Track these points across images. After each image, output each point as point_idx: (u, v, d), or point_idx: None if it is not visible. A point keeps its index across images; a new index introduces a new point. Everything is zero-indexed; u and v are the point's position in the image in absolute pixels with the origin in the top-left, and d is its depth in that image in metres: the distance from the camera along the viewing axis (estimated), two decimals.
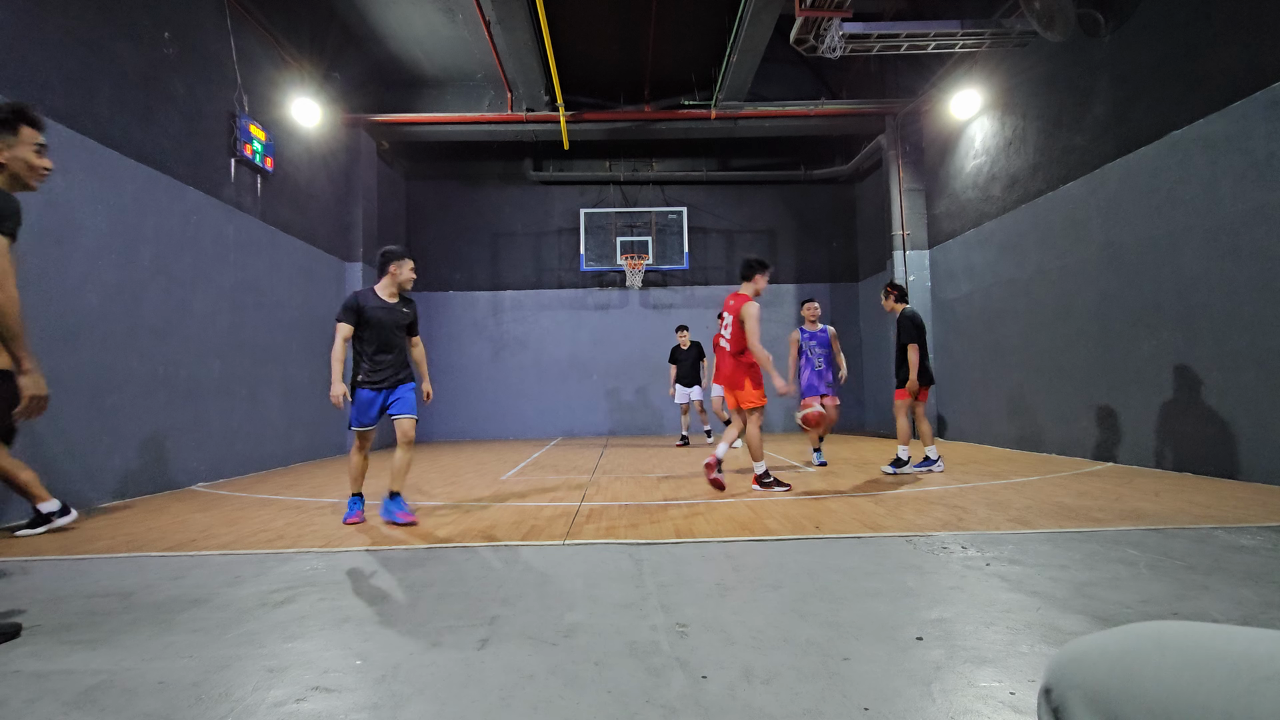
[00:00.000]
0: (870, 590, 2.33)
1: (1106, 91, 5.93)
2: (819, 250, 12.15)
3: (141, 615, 2.24)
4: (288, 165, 7.78)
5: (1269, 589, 2.23)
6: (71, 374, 4.61)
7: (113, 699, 1.60)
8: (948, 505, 3.92)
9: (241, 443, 6.65)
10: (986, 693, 1.53)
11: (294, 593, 2.46)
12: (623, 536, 3.26)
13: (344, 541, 3.32)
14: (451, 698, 1.57)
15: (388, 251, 3.88)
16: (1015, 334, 7.31)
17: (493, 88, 10.30)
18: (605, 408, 11.70)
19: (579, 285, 11.95)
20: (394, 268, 3.85)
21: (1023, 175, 7.18)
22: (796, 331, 6.15)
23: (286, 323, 7.60)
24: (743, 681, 1.62)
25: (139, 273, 5.32)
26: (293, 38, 7.96)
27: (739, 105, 9.60)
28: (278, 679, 1.70)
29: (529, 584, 2.51)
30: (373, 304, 3.79)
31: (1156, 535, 3.05)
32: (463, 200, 11.98)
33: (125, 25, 5.29)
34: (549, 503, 4.38)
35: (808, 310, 6.15)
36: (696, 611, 2.14)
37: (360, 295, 3.80)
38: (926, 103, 9.04)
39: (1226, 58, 4.77)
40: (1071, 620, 1.98)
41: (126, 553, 3.20)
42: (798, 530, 3.32)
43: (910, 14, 8.42)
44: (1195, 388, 5.02)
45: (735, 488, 4.84)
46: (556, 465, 6.78)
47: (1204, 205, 4.96)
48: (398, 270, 3.85)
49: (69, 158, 4.68)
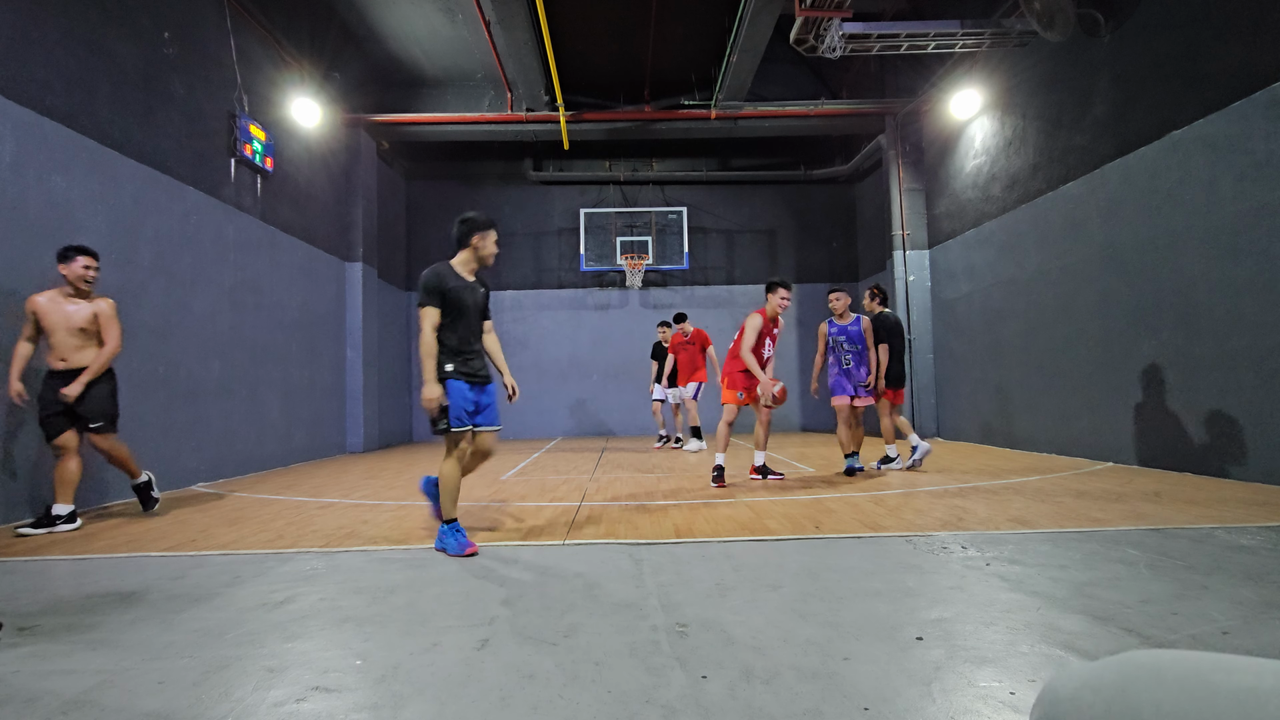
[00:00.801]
0: (870, 590, 2.33)
1: (1106, 91, 5.93)
2: (819, 250, 12.15)
3: (141, 615, 2.24)
4: (288, 165, 7.78)
5: (1269, 589, 2.23)
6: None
7: (113, 699, 1.60)
8: (948, 505, 3.92)
9: (241, 443, 6.65)
10: (986, 693, 1.53)
11: (294, 593, 2.46)
12: (623, 536, 3.26)
13: (344, 541, 3.32)
14: (451, 698, 1.57)
15: (470, 220, 3.20)
16: (1015, 334, 7.31)
17: (493, 88, 10.30)
18: (605, 408, 11.70)
19: (579, 285, 11.95)
20: (477, 239, 3.19)
21: (1023, 175, 7.18)
22: (824, 324, 5.58)
23: (286, 323, 7.60)
24: (743, 681, 1.62)
25: (139, 273, 5.32)
26: (293, 38, 7.96)
27: (739, 105, 9.59)
28: (278, 679, 1.70)
29: (529, 584, 2.51)
30: (454, 283, 3.13)
31: (1156, 535, 3.05)
32: (463, 200, 11.97)
33: (125, 25, 5.28)
34: (549, 503, 4.38)
35: (833, 301, 5.52)
36: (696, 611, 2.14)
37: (440, 273, 3.11)
38: (926, 103, 9.04)
39: (1226, 58, 4.77)
40: (1071, 620, 1.98)
41: (126, 553, 3.20)
42: (798, 530, 3.32)
43: (910, 14, 8.42)
44: (1195, 388, 5.02)
45: (736, 488, 4.85)
46: (556, 465, 6.78)
47: (1204, 205, 4.96)
48: (481, 242, 3.20)
49: (69, 158, 4.68)
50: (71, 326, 3.84)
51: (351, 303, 9.32)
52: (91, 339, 3.92)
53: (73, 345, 3.85)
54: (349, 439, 9.25)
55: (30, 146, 4.38)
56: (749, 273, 12.03)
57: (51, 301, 3.85)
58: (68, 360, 3.84)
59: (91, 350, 3.91)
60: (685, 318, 8.28)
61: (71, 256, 3.85)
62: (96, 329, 3.94)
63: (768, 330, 4.90)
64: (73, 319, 3.85)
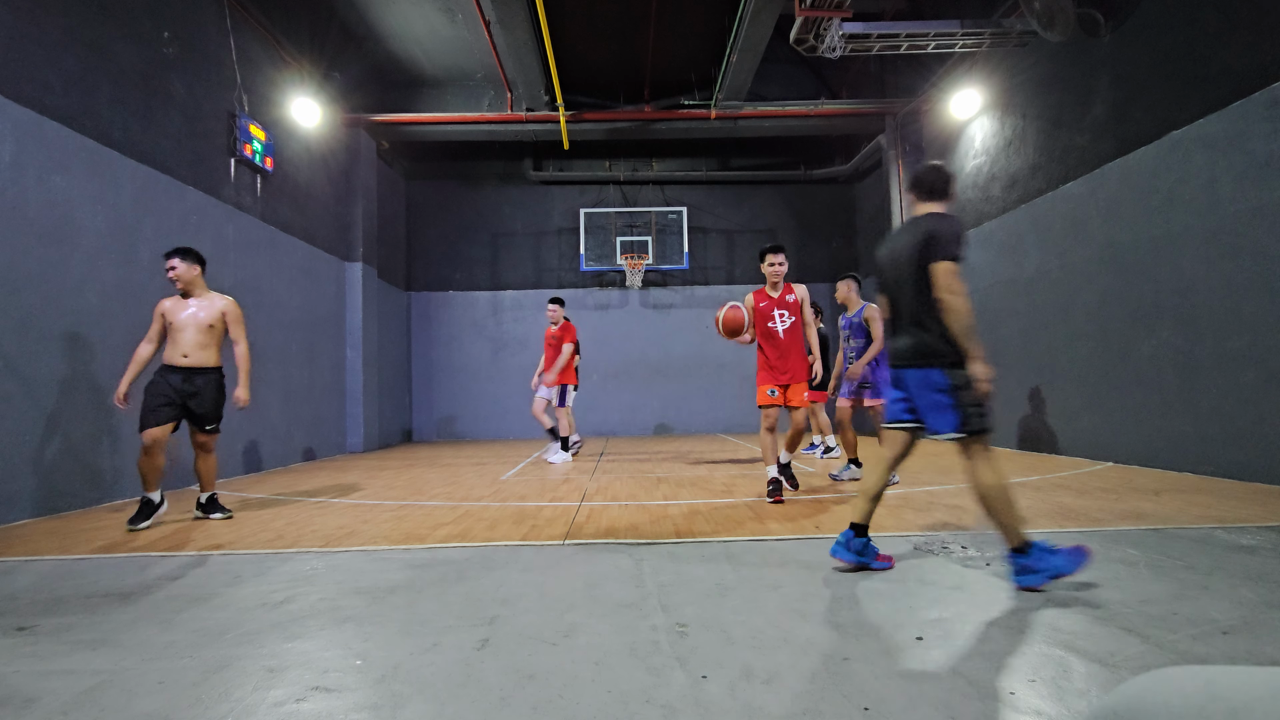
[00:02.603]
0: (870, 590, 2.33)
1: (1106, 91, 5.93)
2: (819, 250, 12.15)
3: (141, 615, 2.24)
4: (287, 165, 7.78)
5: (1269, 589, 2.23)
6: (71, 374, 4.61)
7: (113, 699, 1.60)
8: (948, 505, 3.92)
9: (241, 443, 6.65)
10: (986, 693, 1.53)
11: (294, 593, 2.46)
12: (623, 536, 3.26)
13: (344, 541, 3.32)
14: (451, 698, 1.57)
15: (948, 171, 2.62)
16: (1015, 334, 7.31)
17: (493, 88, 10.30)
18: (605, 408, 11.70)
19: (579, 285, 11.95)
20: (954, 189, 2.59)
21: (1023, 175, 7.18)
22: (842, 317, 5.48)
23: (286, 323, 7.60)
24: (743, 681, 1.62)
25: (139, 273, 5.32)
26: (292, 38, 7.96)
27: (739, 105, 9.59)
28: (278, 679, 1.70)
29: (529, 584, 2.50)
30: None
31: (1156, 535, 3.05)
32: (463, 200, 11.98)
33: (125, 25, 5.28)
34: (549, 503, 4.38)
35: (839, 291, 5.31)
36: (696, 611, 2.14)
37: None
38: (926, 103, 9.04)
39: (1226, 58, 4.77)
40: (1071, 620, 1.98)
41: (126, 553, 3.20)
42: (798, 530, 3.32)
43: (910, 14, 8.42)
44: (1195, 388, 5.02)
45: (736, 488, 4.85)
46: (556, 465, 6.78)
47: (1204, 205, 4.96)
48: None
49: (69, 158, 4.68)
50: (200, 325, 3.95)
51: (351, 303, 9.32)
52: (214, 336, 4.01)
53: (198, 343, 3.94)
54: (349, 439, 9.25)
55: (30, 146, 4.38)
56: (749, 273, 12.03)
57: (175, 303, 3.99)
58: (190, 357, 3.92)
59: (213, 350, 4.02)
60: (561, 302, 7.03)
61: (165, 259, 4.01)
62: (222, 327, 4.05)
63: (768, 305, 4.38)
64: (199, 317, 3.96)
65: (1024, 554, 2.26)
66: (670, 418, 11.71)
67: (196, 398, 3.93)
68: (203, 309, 4.00)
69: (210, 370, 4.01)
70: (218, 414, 4.07)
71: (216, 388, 4.05)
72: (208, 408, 3.99)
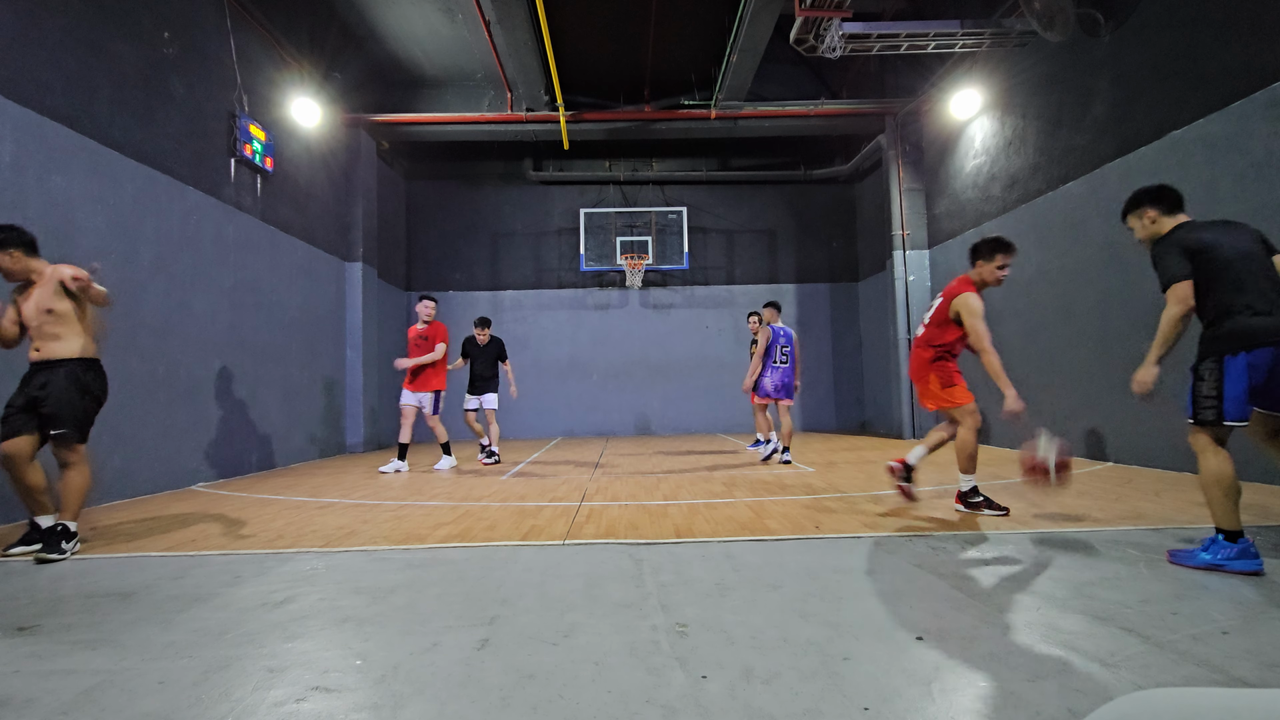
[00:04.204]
0: (870, 590, 2.33)
1: (1106, 91, 5.93)
2: (819, 250, 12.15)
3: (141, 615, 2.24)
4: (288, 165, 7.78)
5: (1269, 589, 2.23)
6: None
7: (113, 699, 1.60)
8: (948, 505, 3.92)
9: (241, 443, 6.65)
10: (986, 693, 1.53)
11: (294, 593, 2.46)
12: (623, 536, 3.26)
13: (344, 541, 3.32)
14: (451, 698, 1.57)
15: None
16: (1015, 334, 7.30)
17: (493, 88, 10.30)
18: (605, 408, 11.70)
19: (579, 285, 11.95)
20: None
21: (1023, 175, 7.18)
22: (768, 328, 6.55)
23: (286, 323, 7.60)
24: (743, 681, 1.62)
25: (139, 273, 5.32)
26: (293, 38, 7.96)
27: (739, 105, 9.59)
28: (278, 679, 1.70)
29: (529, 584, 2.50)
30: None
31: (1156, 535, 3.05)
32: (463, 200, 11.98)
33: (125, 25, 5.28)
34: (549, 503, 4.38)
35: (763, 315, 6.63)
36: (696, 611, 2.14)
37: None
38: (926, 103, 9.04)
39: (1226, 58, 4.77)
40: (1071, 620, 1.98)
41: (126, 553, 3.20)
42: (798, 530, 3.32)
43: (910, 14, 8.42)
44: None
45: (736, 489, 4.85)
46: (556, 465, 6.78)
47: (1204, 205, 4.95)
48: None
49: (69, 158, 4.68)
50: (40, 309, 3.25)
51: (351, 303, 9.33)
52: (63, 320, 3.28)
53: (47, 333, 3.26)
54: (349, 439, 9.25)
55: (30, 146, 4.38)
56: (749, 273, 12.04)
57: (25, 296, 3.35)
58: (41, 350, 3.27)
59: (70, 339, 3.30)
60: (435, 300, 6.60)
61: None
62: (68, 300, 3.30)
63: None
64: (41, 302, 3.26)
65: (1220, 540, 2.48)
66: (670, 418, 11.71)
67: (44, 397, 3.18)
68: (43, 292, 3.26)
69: (61, 362, 3.25)
70: (73, 415, 3.22)
71: (69, 381, 3.23)
72: (55, 406, 3.18)
